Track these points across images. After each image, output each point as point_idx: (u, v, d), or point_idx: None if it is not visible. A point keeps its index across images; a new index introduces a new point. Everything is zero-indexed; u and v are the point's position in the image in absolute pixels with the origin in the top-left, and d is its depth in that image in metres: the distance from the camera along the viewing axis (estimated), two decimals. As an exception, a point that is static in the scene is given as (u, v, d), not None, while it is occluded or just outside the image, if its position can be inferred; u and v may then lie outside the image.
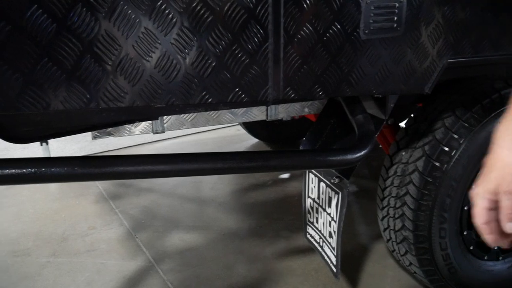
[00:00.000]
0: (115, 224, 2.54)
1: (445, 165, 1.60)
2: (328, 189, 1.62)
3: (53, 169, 0.96)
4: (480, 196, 0.77)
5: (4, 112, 0.94)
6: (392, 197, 1.75)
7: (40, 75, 0.94)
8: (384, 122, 1.43)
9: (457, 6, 1.27)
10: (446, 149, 1.60)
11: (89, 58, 0.96)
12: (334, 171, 1.55)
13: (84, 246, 2.32)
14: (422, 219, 1.66)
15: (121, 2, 0.95)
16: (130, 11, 0.96)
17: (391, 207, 1.77)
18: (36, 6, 0.90)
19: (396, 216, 1.74)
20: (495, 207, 0.76)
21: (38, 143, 2.10)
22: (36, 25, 0.91)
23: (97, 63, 0.98)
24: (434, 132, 1.63)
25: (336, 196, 1.56)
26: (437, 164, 1.60)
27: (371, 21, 1.19)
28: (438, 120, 1.65)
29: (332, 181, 1.56)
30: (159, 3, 0.98)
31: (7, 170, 0.93)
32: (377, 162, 3.24)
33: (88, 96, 1.00)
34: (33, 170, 0.94)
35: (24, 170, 0.94)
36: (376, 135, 1.40)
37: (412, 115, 1.80)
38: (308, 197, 1.81)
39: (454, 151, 1.59)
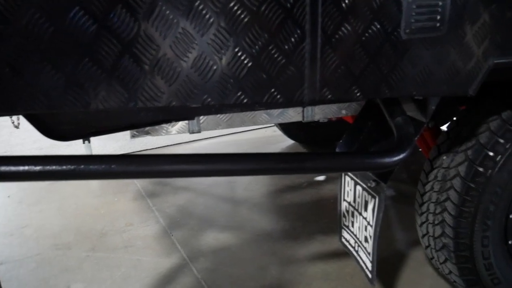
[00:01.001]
0: (152, 221, 2.59)
1: (489, 171, 1.53)
2: (365, 193, 1.58)
3: (91, 166, 0.99)
4: None
5: (48, 110, 0.98)
6: (432, 202, 1.69)
7: (81, 74, 0.97)
8: (425, 125, 1.39)
9: (505, 4, 1.21)
10: (491, 154, 1.53)
11: (127, 58, 0.98)
12: (371, 174, 1.51)
13: (122, 242, 2.38)
14: (464, 226, 1.60)
15: (160, 3, 0.97)
16: (168, 12, 0.97)
17: (430, 212, 1.71)
18: (78, 7, 0.92)
19: (436, 222, 1.68)
20: None
21: (81, 140, 2.18)
22: (78, 26, 0.93)
23: (136, 63, 0.99)
24: (478, 136, 1.57)
25: (373, 200, 1.53)
26: (481, 169, 1.53)
27: (413, 20, 1.15)
28: (483, 124, 1.58)
29: (368, 184, 1.52)
30: (196, 4, 0.99)
31: (48, 167, 0.97)
32: (416, 166, 3.15)
33: (126, 95, 1.01)
34: (72, 167, 0.97)
35: (64, 167, 0.97)
36: (416, 139, 1.36)
37: (454, 118, 1.74)
38: (344, 200, 1.78)
39: (500, 156, 1.52)
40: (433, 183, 1.69)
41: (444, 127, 1.83)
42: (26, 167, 0.97)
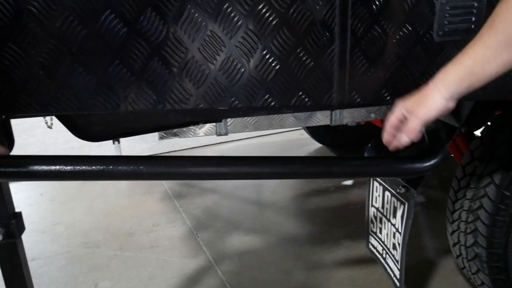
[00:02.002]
0: (178, 222, 2.61)
1: (526, 179, 1.47)
2: (394, 199, 1.54)
3: (119, 167, 1.00)
4: (398, 108, 1.01)
5: (78, 111, 1.00)
6: (464, 210, 1.64)
7: (111, 77, 0.99)
8: (457, 131, 1.34)
9: (546, 5, 1.16)
10: (528, 161, 1.47)
11: (156, 61, 0.99)
12: (400, 180, 1.47)
13: (149, 242, 2.41)
14: (498, 236, 1.54)
15: (189, 6, 0.97)
16: (197, 15, 0.98)
17: (462, 221, 1.66)
18: (109, 11, 0.94)
19: (468, 231, 1.63)
20: (402, 121, 1.00)
21: (111, 141, 2.22)
22: (109, 29, 0.95)
23: (164, 66, 1.00)
24: (514, 142, 1.51)
25: (402, 206, 1.49)
26: (517, 177, 1.47)
27: (446, 22, 1.12)
28: (519, 129, 1.52)
29: (398, 190, 1.49)
30: (225, 6, 0.99)
31: (79, 167, 0.99)
32: (447, 172, 3.06)
33: (155, 97, 1.03)
34: (101, 168, 0.99)
35: (94, 167, 0.98)
36: (448, 144, 1.31)
37: (489, 123, 1.68)
38: (372, 206, 1.75)
39: (537, 163, 1.46)
40: (466, 190, 1.63)
41: (478, 132, 1.77)
42: (58, 167, 1.00)
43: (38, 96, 0.97)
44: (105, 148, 3.67)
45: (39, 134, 4.27)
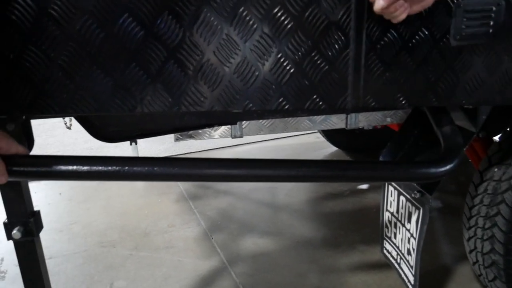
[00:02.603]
0: (193, 223, 2.63)
1: (545, 185, 1.44)
2: (408, 204, 1.53)
3: (135, 168, 1.02)
4: None
5: (96, 113, 1.02)
6: (481, 216, 1.61)
7: (128, 79, 1.00)
8: (474, 136, 1.33)
9: None
10: (547, 167, 1.44)
11: (172, 64, 1.01)
12: (415, 185, 1.46)
13: (164, 242, 2.43)
14: (516, 243, 1.51)
15: (205, 9, 0.98)
16: (212, 18, 0.99)
17: (479, 227, 1.63)
18: (127, 14, 0.95)
19: (485, 237, 1.60)
20: None
21: (128, 142, 2.25)
22: (126, 32, 0.97)
23: (180, 68, 1.02)
24: (533, 148, 1.48)
25: (417, 211, 1.47)
26: (536, 183, 1.44)
27: (463, 27, 1.10)
28: (539, 135, 1.49)
29: (413, 195, 1.47)
30: (240, 10, 1.00)
31: (95, 167, 1.01)
32: (464, 177, 3.02)
33: (170, 100, 1.04)
34: (117, 168, 1.00)
35: (110, 168, 1.00)
36: (465, 149, 1.30)
37: (508, 129, 1.65)
38: (387, 210, 1.73)
39: (557, 170, 1.43)
40: (483, 196, 1.61)
41: (496, 138, 1.74)
42: (75, 167, 1.02)
43: (57, 98, 1.00)
44: (123, 148, 3.72)
45: (58, 134, 4.35)
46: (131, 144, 3.38)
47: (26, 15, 0.93)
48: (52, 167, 1.04)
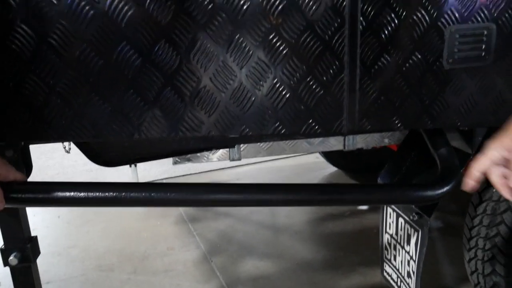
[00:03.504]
0: (192, 246, 2.61)
1: (544, 206, 1.44)
2: (407, 226, 1.52)
3: (132, 194, 1.02)
4: (494, 149, 0.87)
5: (94, 139, 1.03)
6: (481, 237, 1.61)
7: (126, 105, 1.02)
8: (471, 157, 1.33)
9: (557, 32, 1.16)
10: (545, 188, 1.44)
11: (169, 90, 1.02)
12: (413, 207, 1.46)
13: (163, 265, 2.41)
14: (516, 264, 1.50)
15: (201, 37, 1.00)
16: (209, 45, 1.01)
17: (479, 248, 1.62)
18: (125, 42, 0.97)
19: (486, 259, 1.59)
20: (504, 163, 0.87)
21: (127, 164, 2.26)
22: (124, 60, 0.99)
23: (177, 95, 1.03)
24: (531, 168, 1.48)
25: (416, 233, 1.47)
26: (534, 204, 1.44)
27: (456, 50, 1.12)
28: (536, 155, 1.49)
29: (411, 217, 1.47)
30: (236, 37, 1.02)
31: (92, 193, 1.01)
32: (465, 196, 3.00)
33: (167, 125, 1.05)
34: (115, 194, 1.01)
35: (107, 194, 1.01)
36: (461, 171, 1.30)
37: (505, 148, 1.65)
38: (386, 232, 1.73)
39: (555, 190, 1.42)
40: (482, 217, 1.60)
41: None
42: (72, 193, 1.02)
43: (55, 125, 1.01)
44: (122, 171, 3.70)
45: (58, 157, 4.35)
46: (130, 166, 3.38)
47: (26, 44, 0.95)
48: (50, 194, 1.04)
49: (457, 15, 1.10)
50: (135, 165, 3.35)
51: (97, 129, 1.02)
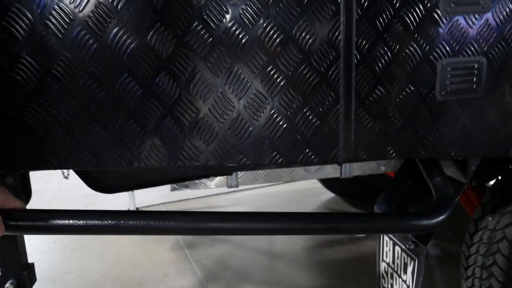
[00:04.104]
0: (189, 272, 2.59)
1: (539, 235, 1.44)
2: (404, 254, 1.53)
3: (130, 222, 1.03)
4: None
5: (94, 167, 1.04)
6: (478, 266, 1.60)
7: (127, 135, 1.04)
8: (465, 186, 1.35)
9: (546, 66, 1.20)
10: (540, 216, 1.45)
11: (169, 120, 1.05)
12: (410, 235, 1.47)
13: (158, 293, 2.39)
14: (513, 294, 1.49)
15: (200, 69, 1.03)
16: (208, 77, 1.04)
17: (476, 277, 1.62)
18: (127, 74, 1.00)
19: (483, 288, 1.59)
20: None
21: (125, 190, 2.27)
22: (126, 91, 1.01)
23: (176, 125, 1.05)
24: (525, 197, 1.50)
25: (412, 262, 1.47)
26: (529, 233, 1.45)
27: (448, 82, 1.16)
28: (530, 184, 1.51)
29: (407, 246, 1.48)
30: (235, 69, 1.05)
31: (91, 222, 1.02)
32: (463, 223, 3.00)
33: (167, 154, 1.07)
34: (113, 223, 1.02)
35: (105, 222, 1.02)
36: (456, 200, 1.32)
37: (499, 177, 1.67)
38: (383, 260, 1.73)
39: (549, 219, 1.44)
40: (479, 245, 1.61)
41: (492, 182, 1.76)
42: (71, 221, 1.03)
43: (56, 153, 1.02)
44: (119, 195, 3.70)
45: (55, 181, 4.35)
46: (128, 191, 3.37)
47: (30, 75, 0.97)
48: (48, 222, 1.05)
49: (448, 49, 1.13)
50: (133, 190, 3.36)
51: (97, 157, 1.04)
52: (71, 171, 1.91)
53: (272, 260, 2.73)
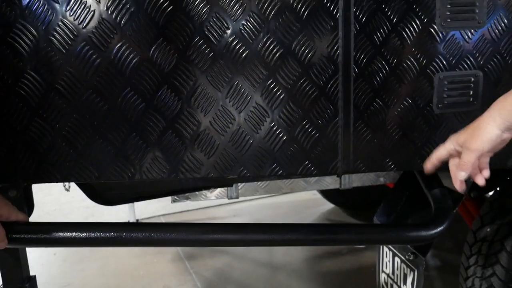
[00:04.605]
0: (189, 284, 2.59)
1: (538, 246, 1.45)
2: (403, 265, 1.53)
3: (133, 234, 1.04)
4: (450, 141, 1.02)
5: (96, 180, 1.06)
6: (477, 277, 1.61)
7: (128, 148, 1.06)
8: (463, 198, 1.36)
9: (541, 79, 1.22)
10: (538, 227, 1.46)
11: (171, 133, 1.06)
12: (409, 246, 1.48)
13: (158, 305, 2.39)
14: (513, 305, 1.50)
15: (202, 83, 1.05)
16: (209, 91, 1.06)
17: (476, 288, 1.63)
18: (129, 88, 1.02)
19: (482, 299, 1.59)
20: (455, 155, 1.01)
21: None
22: (128, 105, 1.03)
23: (178, 138, 1.07)
24: (523, 208, 1.51)
25: (412, 273, 1.48)
26: (528, 244, 1.46)
27: (445, 96, 1.18)
28: (527, 195, 1.53)
29: (407, 257, 1.48)
30: (235, 83, 1.07)
31: (93, 234, 1.03)
32: (462, 234, 3.01)
33: (168, 167, 1.09)
34: (115, 235, 1.03)
35: (108, 234, 1.03)
36: (454, 211, 1.33)
37: (498, 188, 1.69)
38: (382, 271, 1.73)
39: (547, 230, 1.45)
40: (477, 256, 1.61)
41: (490, 193, 1.77)
42: (74, 234, 1.04)
43: (60, 166, 1.04)
44: (119, 207, 3.70)
45: (55, 193, 4.35)
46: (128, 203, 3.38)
47: (34, 90, 0.99)
48: (51, 234, 1.06)
49: (445, 63, 1.15)
50: (133, 202, 3.36)
51: (100, 170, 1.06)
52: (72, 184, 1.92)
53: (272, 272, 2.73)
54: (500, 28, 1.17)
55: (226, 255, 2.94)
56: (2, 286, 1.20)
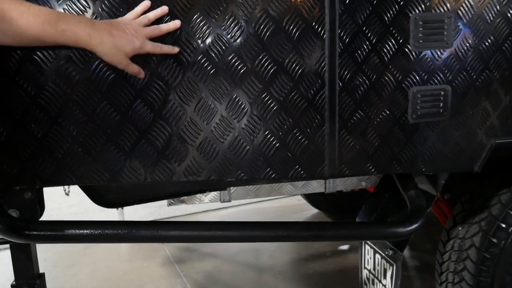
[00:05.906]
0: (179, 287, 2.67)
1: (503, 242, 1.61)
2: (383, 261, 1.67)
3: (141, 231, 1.16)
4: None
5: (108, 183, 1.17)
6: (450, 272, 1.76)
7: (138, 153, 1.17)
8: (436, 198, 1.51)
9: (501, 92, 1.38)
10: (503, 225, 1.61)
11: (176, 140, 1.18)
12: (388, 243, 1.62)
13: (151, 306, 2.47)
14: (482, 297, 1.65)
15: (203, 95, 1.18)
16: (210, 103, 1.18)
17: (449, 282, 1.77)
18: (139, 100, 1.14)
19: (455, 292, 1.74)
20: None
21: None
22: (138, 114, 1.15)
23: (182, 144, 1.19)
24: (490, 208, 1.66)
25: (391, 267, 1.62)
26: (494, 240, 1.61)
27: (418, 107, 1.33)
28: (494, 196, 1.68)
29: (386, 253, 1.62)
30: (234, 96, 1.20)
31: (106, 231, 1.14)
32: (439, 236, 3.18)
33: (172, 170, 1.20)
34: (126, 231, 1.14)
35: (119, 231, 1.14)
36: (428, 210, 1.48)
37: (469, 191, 1.84)
38: (365, 268, 1.87)
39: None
40: (451, 253, 1.76)
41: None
42: (86, 231, 1.15)
43: (75, 170, 1.15)
44: (107, 213, 3.78)
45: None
46: (117, 208, 3.45)
47: (54, 101, 1.10)
48: (65, 231, 1.17)
49: (418, 78, 1.31)
50: (122, 208, 3.43)
51: (111, 173, 1.17)
52: (58, 188, 2.00)
53: (259, 274, 2.84)
54: (465, 47, 1.33)
55: (215, 259, 3.04)
56: (14, 282, 1.29)
